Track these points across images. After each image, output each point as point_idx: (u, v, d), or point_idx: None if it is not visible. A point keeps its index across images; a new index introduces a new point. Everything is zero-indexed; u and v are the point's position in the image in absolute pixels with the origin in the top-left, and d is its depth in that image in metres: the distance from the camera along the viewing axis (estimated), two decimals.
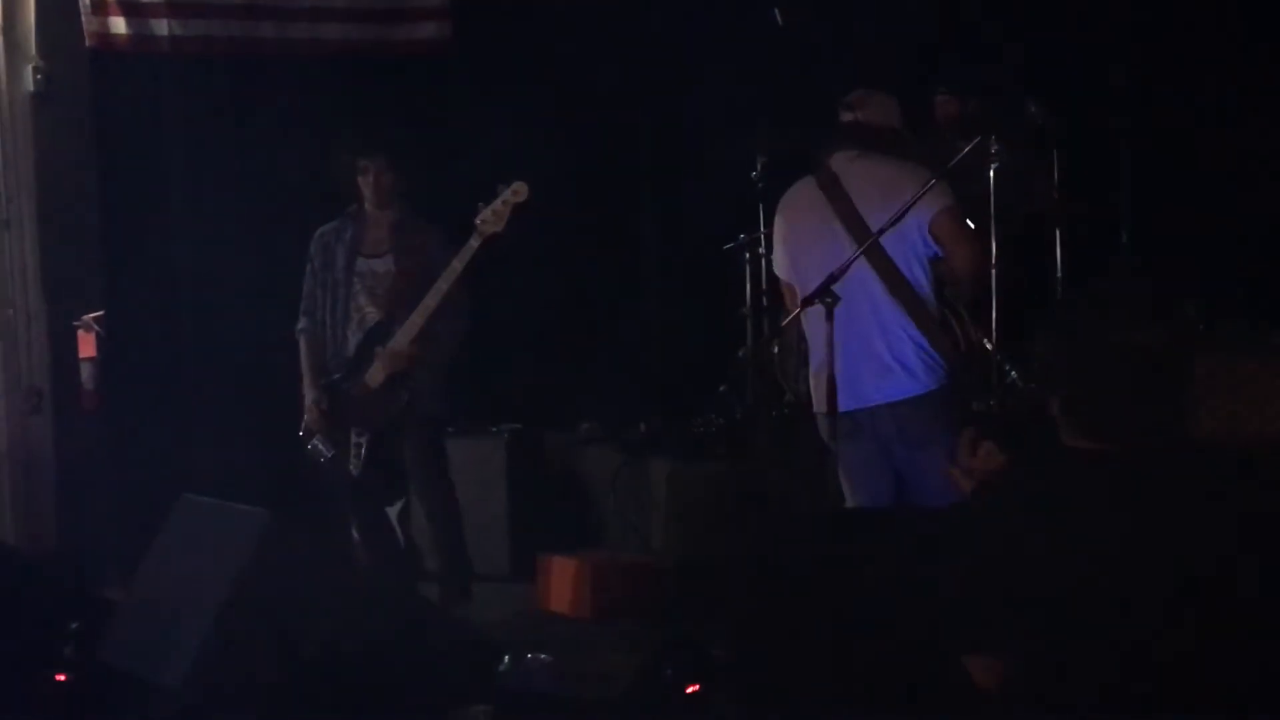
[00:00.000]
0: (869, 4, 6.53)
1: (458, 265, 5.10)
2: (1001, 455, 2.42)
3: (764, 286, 6.53)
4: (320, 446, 5.25)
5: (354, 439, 5.23)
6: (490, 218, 5.13)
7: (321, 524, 5.37)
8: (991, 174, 5.76)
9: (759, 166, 6.48)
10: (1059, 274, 6.00)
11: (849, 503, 4.55)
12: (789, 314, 4.58)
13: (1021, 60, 6.13)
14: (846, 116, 4.55)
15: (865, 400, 4.41)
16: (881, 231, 4.26)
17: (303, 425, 5.34)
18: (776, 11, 6.41)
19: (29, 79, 6.43)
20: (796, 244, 4.59)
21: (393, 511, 6.06)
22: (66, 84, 6.54)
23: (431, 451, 5.36)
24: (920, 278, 4.39)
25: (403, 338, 5.14)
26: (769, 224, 6.44)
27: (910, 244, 4.36)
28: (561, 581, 5.97)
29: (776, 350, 6.15)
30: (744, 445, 6.21)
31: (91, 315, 6.52)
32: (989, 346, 5.64)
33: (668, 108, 7.20)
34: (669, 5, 6.98)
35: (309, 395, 5.28)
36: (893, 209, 4.25)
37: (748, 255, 6.59)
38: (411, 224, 5.36)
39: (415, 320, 5.14)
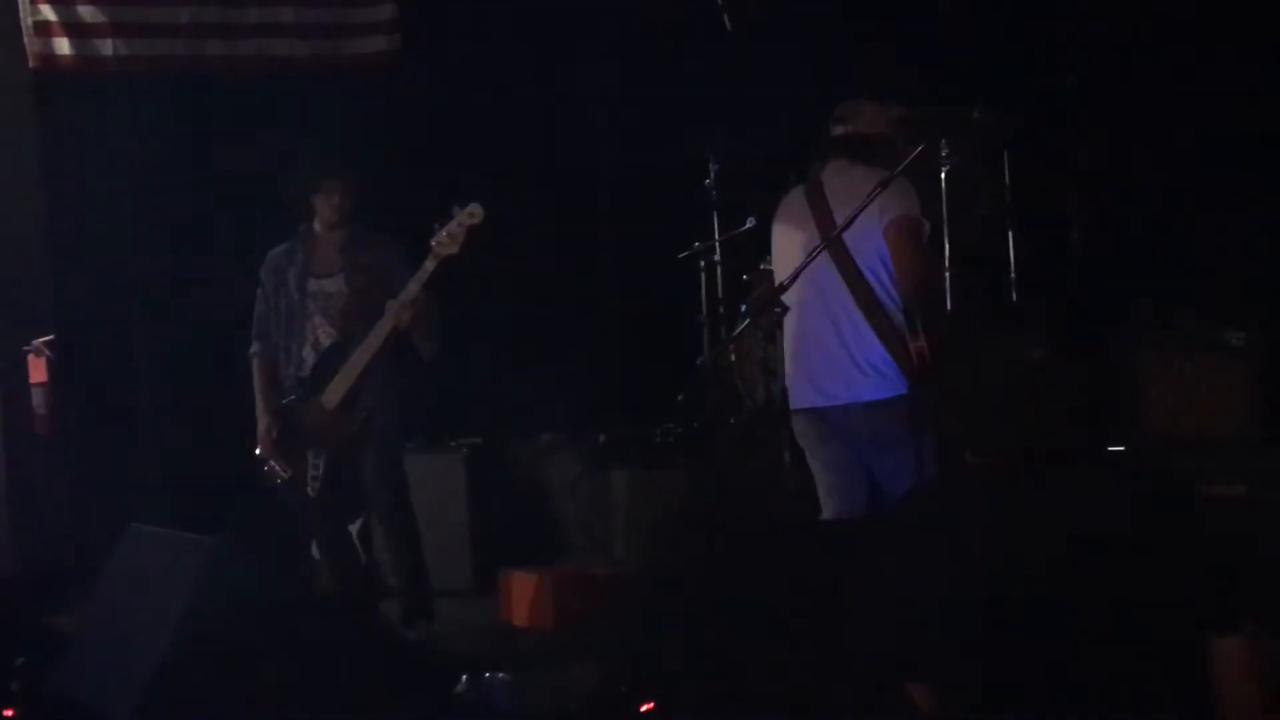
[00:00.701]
0: (818, 8, 6.52)
1: (414, 288, 5.05)
2: None
3: (720, 294, 6.52)
4: (276, 469, 5.20)
5: (311, 460, 5.18)
6: (446, 240, 5.07)
7: (280, 546, 5.33)
8: (943, 177, 5.76)
9: (712, 174, 6.48)
10: (1013, 275, 6.01)
11: (824, 501, 4.55)
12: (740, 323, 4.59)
13: (970, 65, 6.13)
14: (838, 130, 4.56)
15: (836, 399, 4.44)
16: (840, 231, 4.27)
17: (258, 449, 5.29)
18: (726, 17, 6.41)
19: None
20: (781, 251, 4.62)
21: (353, 528, 6.02)
22: (10, 106, 6.48)
23: (390, 472, 5.32)
24: (884, 281, 4.39)
25: (363, 354, 5.08)
26: (723, 231, 6.47)
27: (876, 246, 4.38)
28: (523, 595, 5.95)
29: (734, 358, 6.15)
30: (704, 453, 6.20)
31: (42, 340, 6.46)
32: None
33: (621, 116, 7.18)
34: (621, 14, 6.96)
35: (261, 422, 5.23)
36: (863, 214, 4.26)
37: (703, 263, 6.59)
38: (361, 242, 5.30)
39: (371, 342, 5.09)
